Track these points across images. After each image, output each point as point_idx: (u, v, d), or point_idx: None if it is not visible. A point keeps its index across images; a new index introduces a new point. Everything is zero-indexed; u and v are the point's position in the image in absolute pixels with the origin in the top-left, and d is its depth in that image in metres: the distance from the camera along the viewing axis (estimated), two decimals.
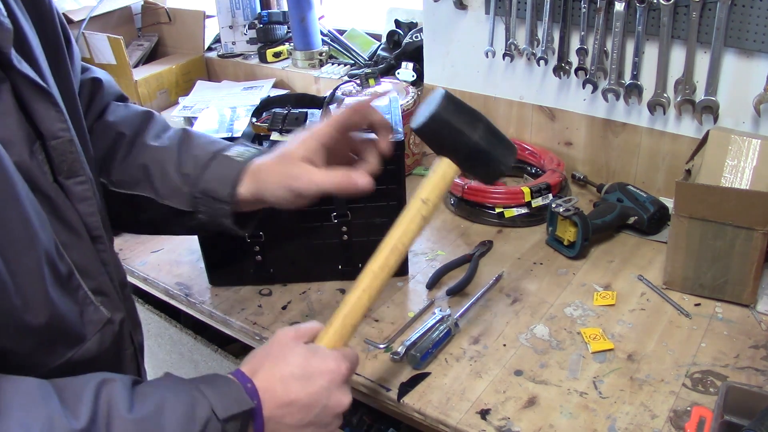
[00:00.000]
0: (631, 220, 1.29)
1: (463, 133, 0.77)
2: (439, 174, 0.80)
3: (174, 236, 1.35)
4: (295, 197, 0.81)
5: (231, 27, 2.04)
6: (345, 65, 1.88)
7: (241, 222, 0.86)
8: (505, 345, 1.04)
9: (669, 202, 1.23)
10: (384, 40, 1.82)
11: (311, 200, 0.81)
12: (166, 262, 1.31)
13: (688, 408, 0.90)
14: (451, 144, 0.78)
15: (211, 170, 0.83)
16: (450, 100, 0.78)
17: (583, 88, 1.38)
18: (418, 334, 1.05)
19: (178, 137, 0.88)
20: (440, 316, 1.09)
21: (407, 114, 1.51)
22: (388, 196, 1.13)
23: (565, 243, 1.24)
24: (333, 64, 1.89)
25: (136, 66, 2.05)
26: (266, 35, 1.97)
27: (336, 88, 1.26)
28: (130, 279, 1.34)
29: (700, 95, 1.24)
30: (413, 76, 1.66)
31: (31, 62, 0.65)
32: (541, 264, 1.23)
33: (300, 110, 1.14)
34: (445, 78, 1.61)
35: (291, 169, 0.80)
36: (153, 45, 2.16)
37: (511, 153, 0.81)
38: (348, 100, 1.24)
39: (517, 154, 0.84)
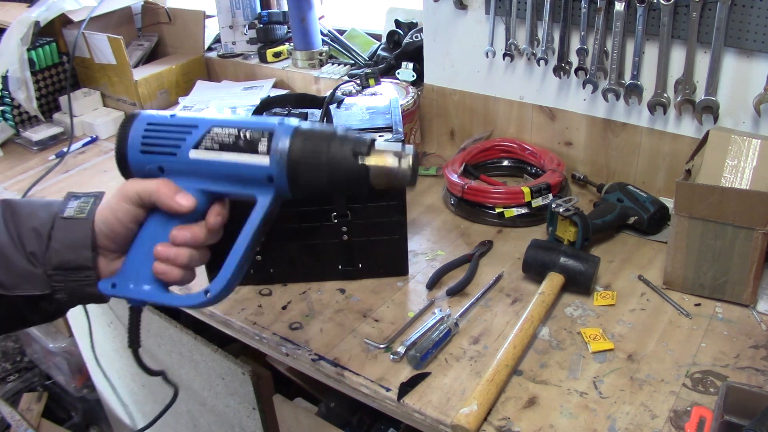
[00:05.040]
0: (631, 220, 1.29)
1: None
2: (551, 280, 1.13)
3: None
4: (135, 205, 0.75)
5: (231, 27, 2.04)
6: (345, 65, 1.88)
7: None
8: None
9: (669, 202, 1.23)
10: (384, 40, 1.82)
11: (146, 209, 0.76)
12: None
13: (688, 408, 0.90)
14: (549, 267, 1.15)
15: (57, 240, 0.73)
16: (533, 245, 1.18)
17: (583, 88, 1.38)
18: (418, 334, 1.06)
19: None
20: (440, 316, 1.09)
21: (407, 114, 1.51)
22: (388, 196, 1.13)
23: (565, 243, 1.24)
24: (333, 64, 1.89)
25: (136, 66, 2.05)
26: (266, 35, 1.96)
27: (336, 88, 1.26)
28: None
29: (700, 95, 1.24)
30: (413, 76, 1.66)
31: None
32: None
33: (300, 110, 1.14)
34: (445, 78, 1.61)
35: (121, 187, 0.76)
36: (153, 45, 2.16)
37: (591, 263, 1.14)
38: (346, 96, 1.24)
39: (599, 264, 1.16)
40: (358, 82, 1.42)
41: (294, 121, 0.73)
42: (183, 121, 0.75)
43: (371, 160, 0.71)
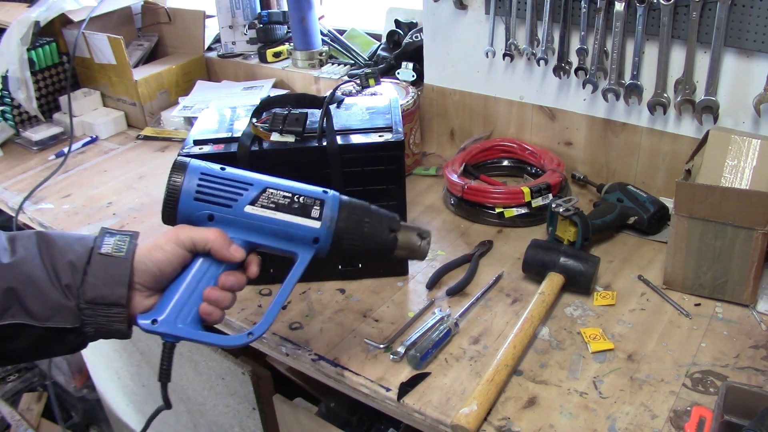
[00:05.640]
0: (631, 220, 1.29)
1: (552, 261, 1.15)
2: (551, 280, 1.13)
3: None
4: (186, 250, 0.79)
5: (231, 27, 2.04)
6: (345, 65, 1.88)
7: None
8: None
9: (669, 202, 1.23)
10: (384, 40, 1.82)
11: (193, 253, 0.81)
12: None
13: (688, 408, 0.90)
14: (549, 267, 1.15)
15: (94, 275, 0.74)
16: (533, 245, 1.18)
17: (583, 88, 1.38)
18: (418, 334, 1.06)
19: (33, 245, 0.75)
20: (440, 316, 1.09)
21: (407, 114, 1.51)
22: (388, 196, 1.13)
23: (565, 243, 1.24)
24: (333, 64, 1.89)
25: (136, 66, 2.05)
26: (266, 35, 1.96)
27: (336, 88, 1.26)
28: None
29: (700, 95, 1.24)
30: (413, 76, 1.66)
31: None
32: None
33: (300, 110, 1.14)
34: (445, 78, 1.61)
35: (173, 231, 0.80)
36: (153, 45, 2.16)
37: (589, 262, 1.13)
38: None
39: (599, 264, 1.16)
40: (358, 82, 1.42)
41: (336, 193, 0.84)
42: (237, 176, 0.82)
43: (401, 236, 0.86)
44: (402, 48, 1.71)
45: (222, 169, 0.82)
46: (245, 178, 0.82)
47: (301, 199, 0.82)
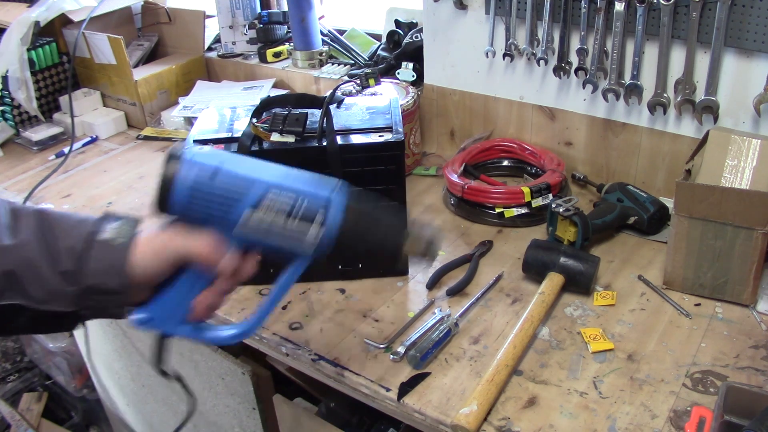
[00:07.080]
0: (631, 220, 1.29)
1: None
2: (551, 280, 1.13)
3: None
4: (175, 257, 0.77)
5: (231, 27, 2.04)
6: (345, 65, 1.88)
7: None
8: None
9: (669, 202, 1.23)
10: (384, 40, 1.81)
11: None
12: None
13: (688, 408, 0.90)
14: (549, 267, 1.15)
15: (93, 261, 0.73)
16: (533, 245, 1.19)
17: (583, 88, 1.38)
18: (418, 334, 1.06)
19: (35, 226, 0.74)
20: (440, 316, 1.09)
21: (407, 114, 1.51)
22: (388, 196, 1.13)
23: (565, 243, 1.24)
24: (333, 64, 1.89)
25: (136, 66, 2.04)
26: (266, 35, 1.96)
27: (336, 88, 1.26)
28: None
29: (700, 95, 1.24)
30: (413, 76, 1.66)
31: None
32: None
33: (300, 110, 1.14)
34: (445, 78, 1.61)
35: (168, 238, 0.77)
36: (153, 45, 2.16)
37: (589, 262, 1.14)
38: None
39: (599, 264, 1.16)
40: (358, 82, 1.42)
41: (342, 197, 0.80)
42: (232, 183, 0.77)
43: (407, 248, 0.82)
44: (402, 48, 1.71)
45: (214, 173, 0.76)
46: (242, 182, 0.77)
47: (305, 202, 0.78)
